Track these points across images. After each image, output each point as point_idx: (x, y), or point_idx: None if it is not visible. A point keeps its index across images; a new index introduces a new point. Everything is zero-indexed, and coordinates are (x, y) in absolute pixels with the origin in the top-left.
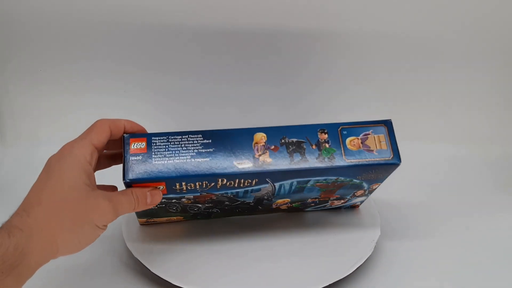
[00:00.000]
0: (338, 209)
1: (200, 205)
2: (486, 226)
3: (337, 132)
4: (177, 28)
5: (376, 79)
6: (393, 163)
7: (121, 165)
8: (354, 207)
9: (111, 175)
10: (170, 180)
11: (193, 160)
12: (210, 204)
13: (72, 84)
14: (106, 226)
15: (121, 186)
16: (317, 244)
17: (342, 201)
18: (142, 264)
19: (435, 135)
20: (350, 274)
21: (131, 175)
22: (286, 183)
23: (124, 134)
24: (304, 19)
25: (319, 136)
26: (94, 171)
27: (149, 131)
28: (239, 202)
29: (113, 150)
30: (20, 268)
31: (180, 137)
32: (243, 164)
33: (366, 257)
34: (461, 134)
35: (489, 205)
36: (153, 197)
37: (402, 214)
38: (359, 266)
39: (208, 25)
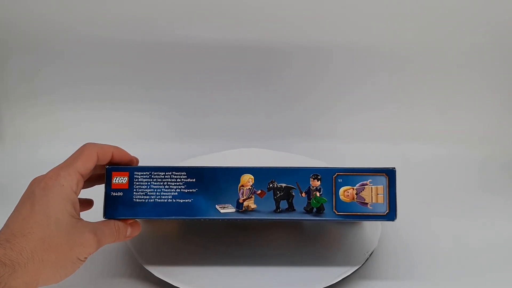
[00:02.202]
0: None
1: None
2: (487, 228)
3: (332, 180)
4: (175, 43)
5: (375, 80)
6: (387, 219)
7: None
8: None
9: None
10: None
11: (174, 201)
12: None
13: (72, 84)
14: (87, 258)
15: (97, 192)
16: (308, 251)
17: None
18: (139, 263)
19: (434, 135)
20: (339, 283)
21: (110, 213)
22: None
23: (107, 166)
24: (309, 32)
25: (311, 182)
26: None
27: (147, 137)
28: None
29: (97, 172)
30: None
31: (164, 173)
32: (226, 209)
33: (354, 269)
34: (460, 134)
35: (489, 206)
36: (133, 230)
37: (402, 215)
38: (347, 276)
39: (206, 40)
